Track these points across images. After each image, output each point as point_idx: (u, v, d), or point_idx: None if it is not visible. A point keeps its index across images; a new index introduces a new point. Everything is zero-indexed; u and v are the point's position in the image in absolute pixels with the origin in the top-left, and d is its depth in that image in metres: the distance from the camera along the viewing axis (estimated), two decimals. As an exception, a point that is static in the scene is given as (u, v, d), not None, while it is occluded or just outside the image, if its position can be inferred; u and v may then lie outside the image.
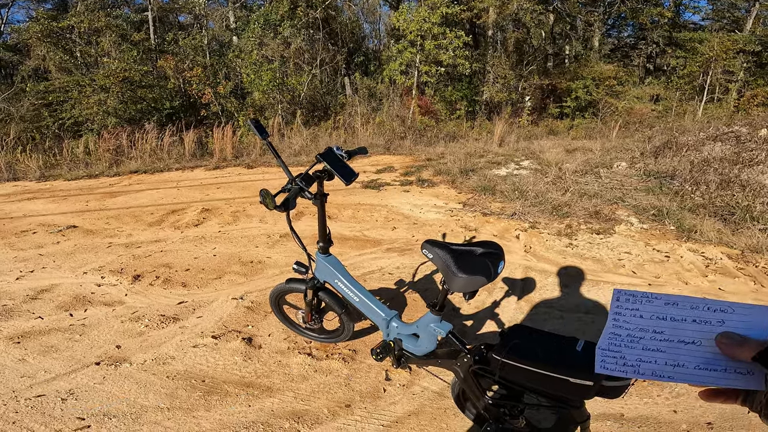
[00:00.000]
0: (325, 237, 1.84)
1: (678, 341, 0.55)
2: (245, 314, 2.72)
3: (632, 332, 0.57)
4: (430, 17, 11.58)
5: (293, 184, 1.59)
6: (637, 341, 0.56)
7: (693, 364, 0.54)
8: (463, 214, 4.71)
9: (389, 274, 3.31)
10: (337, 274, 1.82)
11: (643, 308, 0.57)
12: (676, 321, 0.56)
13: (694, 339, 0.54)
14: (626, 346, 0.56)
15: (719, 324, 0.54)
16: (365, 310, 1.82)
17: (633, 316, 0.57)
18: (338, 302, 2.02)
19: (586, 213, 4.61)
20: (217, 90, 10.87)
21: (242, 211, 4.90)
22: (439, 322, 1.65)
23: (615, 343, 0.57)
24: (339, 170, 1.64)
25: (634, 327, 0.57)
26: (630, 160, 7.05)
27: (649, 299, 0.57)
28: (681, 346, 0.54)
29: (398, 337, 1.80)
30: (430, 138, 10.67)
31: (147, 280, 3.20)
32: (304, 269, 1.91)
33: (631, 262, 3.63)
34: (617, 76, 14.02)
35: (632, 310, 0.58)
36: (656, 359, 0.55)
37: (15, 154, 8.49)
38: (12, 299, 2.94)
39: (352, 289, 1.80)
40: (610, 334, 0.58)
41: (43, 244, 3.99)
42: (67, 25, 11.18)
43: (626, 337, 0.57)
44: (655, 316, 0.56)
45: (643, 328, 0.56)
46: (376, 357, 1.80)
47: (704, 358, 0.53)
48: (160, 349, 2.39)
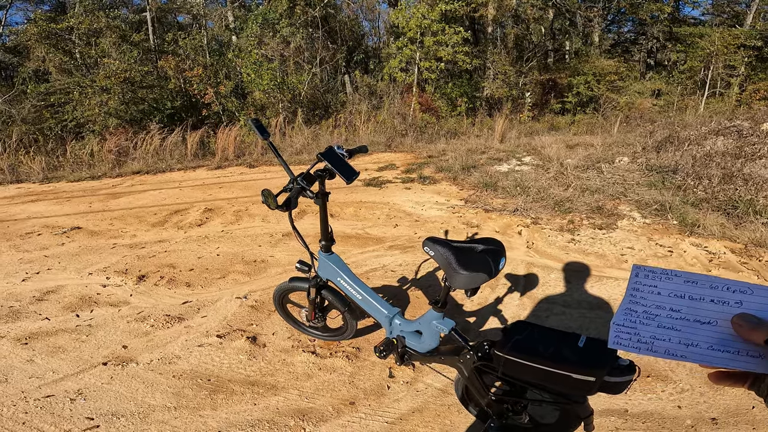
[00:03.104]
0: (327, 235, 1.85)
1: (694, 320, 0.54)
2: (249, 313, 2.73)
3: (648, 309, 0.56)
4: (429, 14, 11.56)
5: (295, 184, 1.60)
6: (653, 318, 0.56)
7: (707, 344, 0.53)
8: (464, 210, 4.72)
9: (392, 271, 3.32)
10: (339, 272, 1.84)
11: (662, 285, 0.57)
12: (694, 300, 0.55)
13: (710, 319, 0.54)
14: (641, 322, 0.56)
15: (737, 305, 0.53)
16: (368, 308, 1.84)
17: (651, 293, 0.57)
18: (341, 300, 2.03)
19: (589, 208, 4.61)
20: (218, 90, 10.88)
21: (245, 210, 4.92)
22: (441, 319, 1.67)
23: (630, 318, 0.57)
24: (340, 169, 1.65)
25: (651, 304, 0.57)
26: (632, 155, 7.04)
27: (669, 276, 0.57)
28: (697, 326, 0.54)
29: (401, 335, 1.81)
30: (431, 135, 10.66)
31: (152, 280, 3.22)
32: (307, 268, 1.92)
33: (633, 257, 3.63)
34: (618, 71, 13.97)
35: (651, 286, 0.57)
36: (671, 337, 0.55)
37: (18, 156, 8.53)
38: (18, 301, 2.96)
39: (354, 287, 1.82)
40: (626, 309, 0.57)
41: (48, 246, 4.01)
42: (66, 27, 11.18)
43: (642, 313, 0.57)
44: (674, 294, 0.56)
45: (660, 305, 0.56)
46: (379, 354, 1.82)
47: (718, 339, 0.53)
48: (166, 348, 2.41)
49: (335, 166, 1.64)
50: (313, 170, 1.70)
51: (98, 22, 11.01)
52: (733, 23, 16.03)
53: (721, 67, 14.53)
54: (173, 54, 12.17)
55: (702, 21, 18.01)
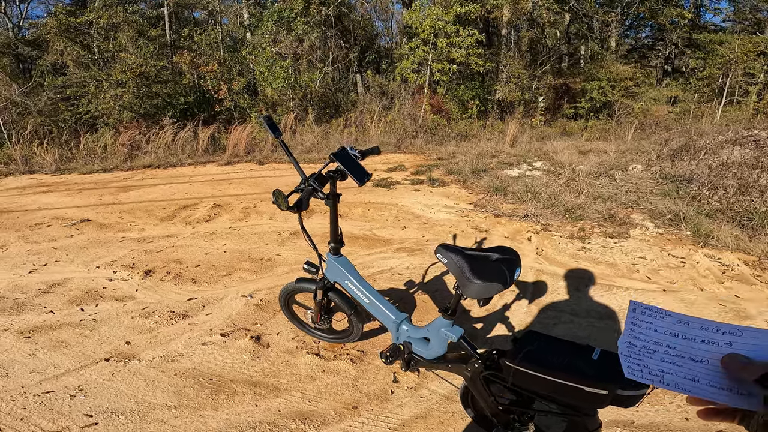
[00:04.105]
0: (336, 237, 1.81)
1: (689, 358, 0.56)
2: (254, 312, 2.71)
3: (647, 344, 0.58)
4: (443, 15, 11.50)
5: (306, 185, 1.57)
6: (652, 354, 0.58)
7: (705, 381, 0.55)
8: (474, 214, 4.66)
9: (399, 274, 3.28)
10: (347, 274, 1.80)
11: (657, 323, 0.59)
12: (687, 339, 0.57)
13: (702, 357, 0.56)
14: (644, 356, 0.58)
15: (726, 346, 0.55)
16: (375, 312, 1.80)
17: (648, 329, 0.59)
18: (348, 303, 2.00)
19: (600, 216, 4.54)
20: (231, 86, 10.93)
21: (253, 207, 4.91)
22: (450, 327, 1.63)
23: (634, 351, 0.58)
24: (352, 170, 1.61)
25: (648, 339, 0.58)
26: (646, 163, 6.93)
27: (663, 315, 0.58)
28: (692, 363, 0.56)
29: (408, 341, 1.77)
30: (442, 137, 10.61)
31: (158, 275, 3.22)
32: (315, 269, 1.89)
33: (645, 267, 3.56)
34: (634, 77, 13.78)
35: (647, 323, 0.59)
36: (676, 372, 0.56)
37: (32, 147, 8.63)
38: (24, 293, 2.97)
39: (362, 291, 1.78)
40: (627, 342, 0.59)
41: (57, 238, 4.03)
42: (85, 21, 11.30)
43: (642, 348, 0.58)
44: (669, 332, 0.58)
45: (658, 341, 0.58)
46: (385, 360, 1.78)
47: (713, 377, 0.55)
48: (169, 346, 2.40)
49: (347, 167, 1.61)
50: (325, 171, 1.67)
51: (117, 16, 11.11)
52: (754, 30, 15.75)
53: (740, 75, 14.28)
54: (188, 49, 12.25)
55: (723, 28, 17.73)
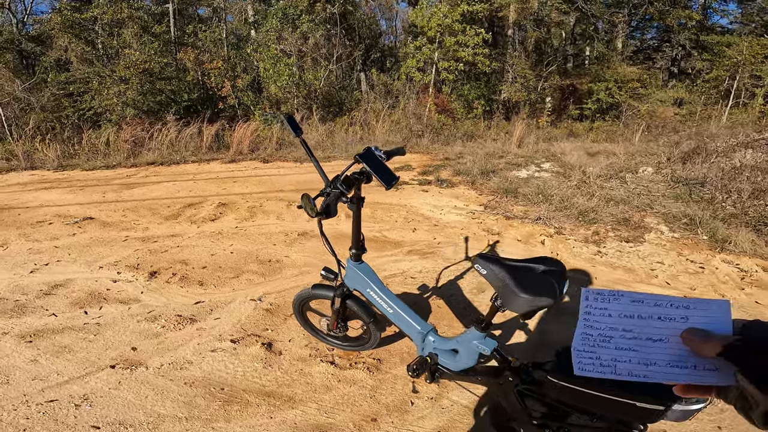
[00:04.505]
0: (358, 243, 1.71)
1: (647, 339, 0.54)
2: (264, 317, 2.62)
3: (603, 332, 0.56)
4: (450, 14, 11.39)
5: (332, 188, 1.48)
6: (609, 340, 0.56)
7: (664, 361, 0.53)
8: (485, 216, 4.57)
9: (411, 278, 3.19)
10: (369, 282, 1.70)
11: (611, 307, 0.56)
12: (643, 319, 0.55)
13: (662, 336, 0.54)
14: (599, 345, 0.56)
15: (683, 321, 0.54)
16: (399, 322, 1.70)
17: (602, 315, 0.56)
18: (366, 311, 1.90)
19: (614, 220, 4.44)
20: (235, 83, 10.83)
21: (259, 206, 4.82)
22: (483, 339, 1.53)
23: (588, 343, 0.56)
24: (379, 173, 1.51)
25: (604, 326, 0.56)
26: (656, 165, 6.82)
27: (616, 297, 0.56)
28: (650, 344, 0.54)
29: (434, 352, 1.68)
30: (447, 137, 10.51)
31: (163, 277, 3.12)
32: (333, 276, 1.80)
33: (664, 273, 3.46)
34: (641, 78, 13.68)
35: (601, 309, 0.57)
36: (630, 358, 0.55)
37: (34, 143, 8.54)
38: (25, 294, 2.87)
39: (385, 300, 1.68)
40: (582, 334, 0.57)
41: (59, 236, 3.94)
42: (89, 17, 11.20)
43: (598, 336, 0.56)
44: (623, 315, 0.56)
45: (613, 326, 0.56)
46: (412, 373, 1.68)
47: (674, 355, 0.53)
48: (177, 352, 2.30)
49: (374, 169, 1.51)
50: (349, 172, 1.58)
51: (121, 12, 11.00)
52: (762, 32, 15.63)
53: (747, 77, 14.18)
54: (193, 46, 12.15)
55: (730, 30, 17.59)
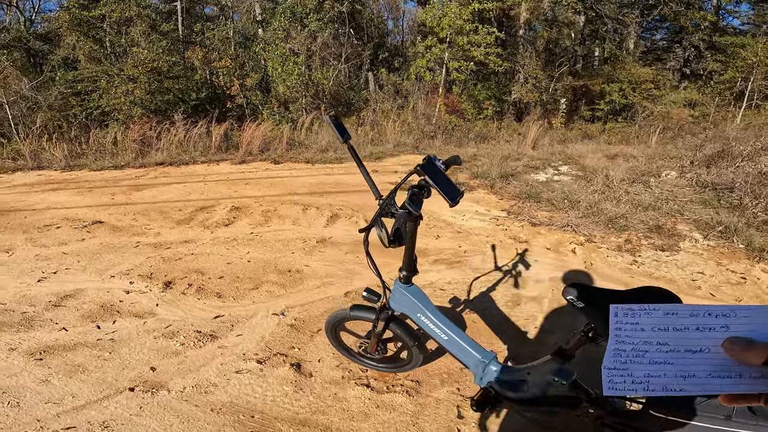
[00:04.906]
0: (411, 265, 1.53)
1: (685, 351, 0.52)
2: (289, 333, 2.44)
3: (636, 346, 0.54)
4: (461, 13, 11.21)
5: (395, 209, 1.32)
6: (643, 355, 0.54)
7: (705, 372, 0.52)
8: (509, 223, 4.38)
9: (441, 290, 3.01)
10: (421, 307, 1.52)
11: (642, 321, 0.54)
12: (679, 330, 0.53)
13: (701, 347, 0.52)
14: (632, 361, 0.54)
15: (723, 329, 0.52)
16: (455, 350, 1.52)
17: (634, 330, 0.54)
18: (411, 334, 1.72)
19: (646, 227, 4.24)
20: (243, 82, 10.67)
21: (273, 210, 4.65)
22: (560, 371, 1.35)
23: (620, 360, 0.54)
24: (443, 187, 1.34)
25: (637, 341, 0.54)
26: (679, 169, 6.62)
27: (648, 311, 0.54)
28: (689, 356, 0.52)
29: (495, 382, 1.50)
30: (460, 138, 10.32)
31: (179, 287, 2.95)
32: (376, 298, 1.62)
33: (706, 284, 3.27)
34: (655, 79, 13.45)
35: (632, 324, 0.54)
36: (665, 372, 0.53)
37: (41, 143, 8.40)
38: (33, 305, 2.71)
39: (439, 326, 1.50)
40: (614, 350, 0.55)
41: (67, 241, 3.78)
42: (97, 15, 11.08)
43: (631, 351, 0.54)
44: (657, 328, 0.54)
45: (647, 341, 0.54)
46: (476, 408, 1.50)
47: (715, 366, 0.51)
48: (200, 373, 2.13)
49: (438, 183, 1.33)
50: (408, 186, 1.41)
51: (129, 10, 10.87)
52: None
53: (760, 78, 13.94)
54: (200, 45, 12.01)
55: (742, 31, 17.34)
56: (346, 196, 5.24)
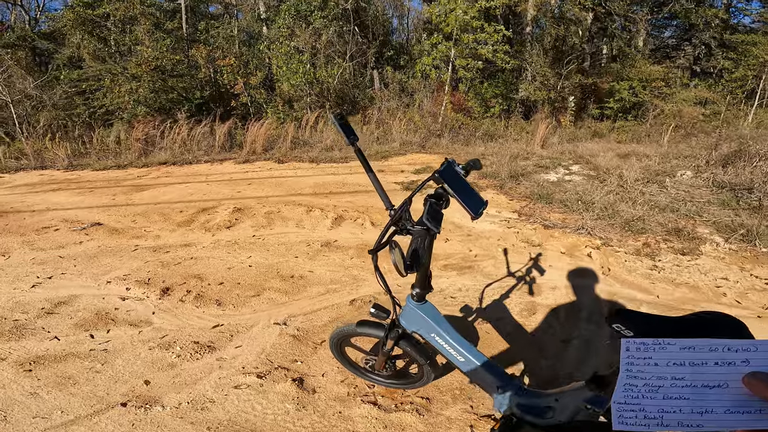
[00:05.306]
0: (425, 282, 1.38)
1: (702, 386, 0.50)
2: (291, 345, 2.31)
3: (649, 381, 0.52)
4: (468, 10, 11.02)
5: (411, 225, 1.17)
6: (656, 390, 0.51)
7: (723, 408, 0.49)
8: (521, 225, 4.22)
9: (451, 297, 2.86)
10: (435, 326, 1.38)
11: (656, 356, 0.52)
12: (697, 366, 0.51)
13: (720, 382, 0.50)
14: (644, 396, 0.51)
15: (744, 364, 0.49)
16: (473, 374, 1.38)
17: (647, 365, 0.52)
18: (422, 352, 1.58)
19: (664, 229, 4.07)
20: (247, 80, 10.56)
21: (277, 212, 4.52)
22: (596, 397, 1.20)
23: (632, 395, 0.52)
24: (464, 197, 1.19)
25: (650, 376, 0.52)
26: (695, 169, 6.42)
27: (662, 346, 0.52)
28: (706, 391, 0.50)
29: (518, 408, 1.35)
30: (467, 137, 10.15)
31: (177, 294, 2.82)
32: (385, 314, 1.48)
33: (731, 290, 3.10)
34: (666, 77, 13.19)
35: (644, 359, 0.53)
36: (680, 408, 0.50)
37: (44, 142, 8.33)
38: (25, 312, 2.59)
39: (456, 348, 1.36)
40: (625, 385, 0.53)
41: (65, 244, 3.66)
42: (102, 13, 11.00)
43: (643, 387, 0.52)
44: (672, 363, 0.52)
45: (661, 376, 0.52)
46: None
47: (734, 401, 0.49)
48: (197, 388, 2.00)
49: (458, 192, 1.18)
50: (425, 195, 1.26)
51: (133, 8, 10.78)
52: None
53: (772, 76, 13.65)
54: (204, 43, 11.91)
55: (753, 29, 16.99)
56: (351, 197, 5.10)
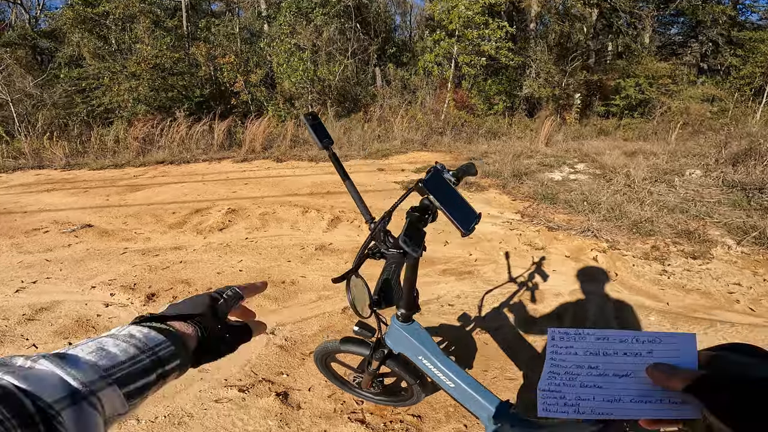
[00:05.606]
0: (411, 302, 1.24)
1: (613, 375, 0.53)
2: (278, 356, 2.18)
3: (569, 369, 0.54)
4: (471, 7, 10.84)
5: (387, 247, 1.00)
6: (575, 378, 0.54)
7: (629, 397, 0.51)
8: (524, 227, 4.07)
9: (449, 305, 2.72)
10: (422, 348, 1.24)
11: (577, 345, 0.55)
12: (609, 355, 0.53)
13: (628, 371, 0.52)
14: (565, 384, 0.54)
15: (649, 355, 0.52)
16: (463, 400, 1.24)
17: (568, 354, 0.55)
18: (411, 372, 1.45)
19: (673, 231, 3.91)
20: (248, 78, 10.45)
21: (272, 213, 4.39)
22: None
23: (554, 382, 0.54)
24: (454, 210, 1.02)
25: (570, 364, 0.55)
26: (704, 167, 6.24)
27: (582, 336, 0.55)
28: (616, 380, 0.52)
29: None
30: (470, 134, 9.99)
31: (162, 300, 2.70)
32: (369, 333, 1.35)
33: (744, 297, 2.95)
34: (673, 74, 12.95)
35: (567, 347, 0.55)
36: (594, 395, 0.53)
37: (42, 141, 8.26)
38: (6, 319, 2.48)
39: (444, 372, 1.22)
40: (549, 373, 0.55)
41: (53, 247, 3.56)
42: (102, 11, 10.91)
43: (564, 375, 0.54)
44: (589, 352, 0.54)
45: (579, 364, 0.54)
46: None
47: (639, 391, 0.51)
48: (175, 400, 1.88)
49: (446, 204, 1.02)
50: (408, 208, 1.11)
51: (133, 6, 10.68)
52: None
53: (780, 74, 13.38)
54: (205, 41, 11.81)
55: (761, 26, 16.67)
56: (348, 197, 4.95)
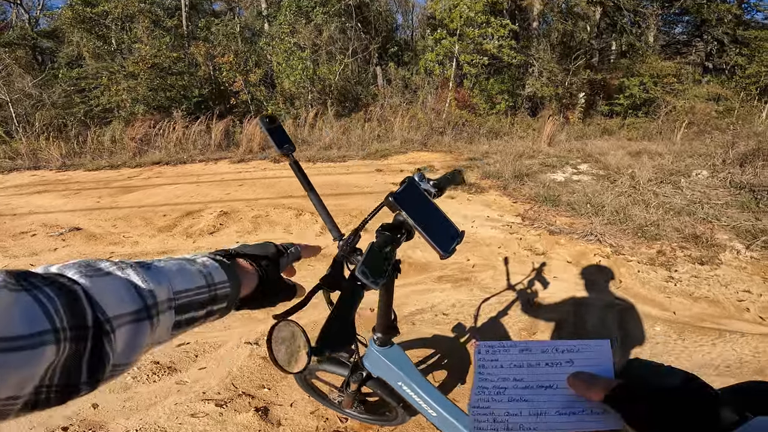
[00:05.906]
0: (386, 324, 1.10)
1: (537, 386, 0.51)
2: (261, 368, 2.06)
3: (497, 383, 0.53)
4: (473, 5, 10.70)
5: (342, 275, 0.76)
6: (503, 392, 0.52)
7: (553, 409, 0.49)
8: (525, 230, 3.94)
9: (443, 314, 2.60)
10: (401, 374, 1.11)
11: (502, 358, 0.53)
12: (532, 366, 0.52)
13: (550, 383, 0.51)
14: (493, 399, 0.52)
15: (568, 364, 0.51)
16: (446, 428, 1.12)
17: (494, 367, 0.53)
18: (393, 394, 1.32)
19: (680, 235, 3.77)
20: (247, 78, 10.35)
21: (265, 216, 4.28)
22: None
23: (483, 398, 0.52)
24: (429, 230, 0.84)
25: (497, 378, 0.53)
26: (711, 168, 6.08)
27: (506, 348, 0.54)
28: (541, 392, 0.51)
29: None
30: (471, 134, 9.86)
31: (145, 307, 2.60)
32: (349, 353, 1.23)
33: (754, 305, 2.81)
34: (678, 73, 12.76)
35: (493, 361, 0.53)
36: (521, 410, 0.50)
37: (39, 142, 8.19)
38: (-21, 328, 2.38)
39: (425, 399, 1.10)
40: (478, 388, 0.53)
41: (39, 251, 3.46)
42: (101, 11, 10.85)
43: (492, 389, 0.52)
44: (514, 364, 0.53)
45: (505, 377, 0.53)
46: None
47: (563, 402, 0.49)
48: (149, 414, 1.77)
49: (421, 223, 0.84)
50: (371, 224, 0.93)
51: (132, 6, 10.61)
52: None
53: (787, 73, 13.17)
54: (204, 40, 11.73)
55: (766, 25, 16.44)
56: (344, 199, 4.85)
